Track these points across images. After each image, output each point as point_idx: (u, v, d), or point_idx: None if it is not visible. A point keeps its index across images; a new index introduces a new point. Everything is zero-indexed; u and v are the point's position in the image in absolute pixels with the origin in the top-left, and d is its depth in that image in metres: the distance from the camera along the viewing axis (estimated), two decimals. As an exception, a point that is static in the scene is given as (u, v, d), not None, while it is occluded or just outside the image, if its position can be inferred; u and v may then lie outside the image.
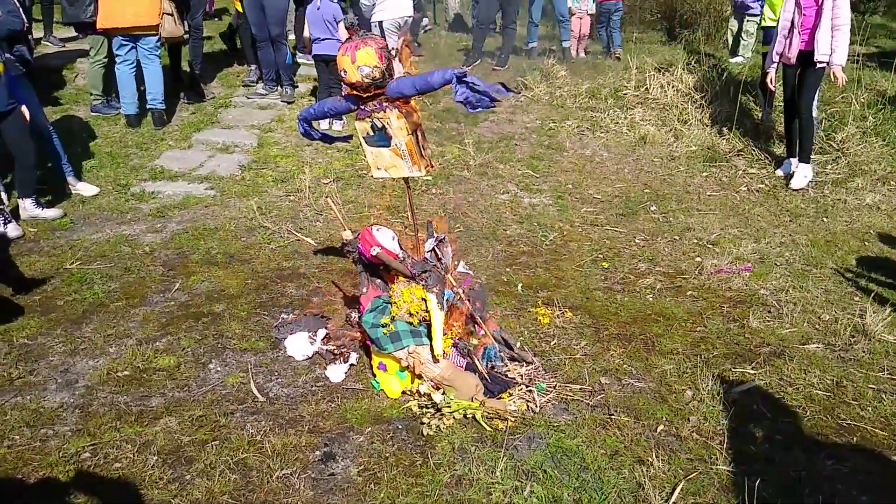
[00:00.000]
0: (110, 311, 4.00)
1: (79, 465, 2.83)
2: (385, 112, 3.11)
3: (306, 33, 7.12)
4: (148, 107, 6.86)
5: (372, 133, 3.20)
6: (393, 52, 3.17)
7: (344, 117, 6.70)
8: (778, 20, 6.06)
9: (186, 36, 7.65)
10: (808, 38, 5.72)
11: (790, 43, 5.83)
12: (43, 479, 2.75)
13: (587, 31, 10.43)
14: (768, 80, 6.23)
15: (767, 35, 6.90)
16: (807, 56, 5.75)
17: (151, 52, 6.61)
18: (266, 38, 7.29)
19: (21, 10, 5.46)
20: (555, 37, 10.64)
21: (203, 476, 2.79)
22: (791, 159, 6.38)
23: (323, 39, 6.88)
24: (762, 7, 9.02)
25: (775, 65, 6.07)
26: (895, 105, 7.20)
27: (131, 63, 6.60)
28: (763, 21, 7.17)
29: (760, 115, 7.45)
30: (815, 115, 6.31)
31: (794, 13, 5.77)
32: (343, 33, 6.72)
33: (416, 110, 3.23)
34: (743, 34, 9.30)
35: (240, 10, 7.70)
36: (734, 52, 9.46)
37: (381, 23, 7.40)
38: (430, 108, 7.62)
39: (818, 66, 5.71)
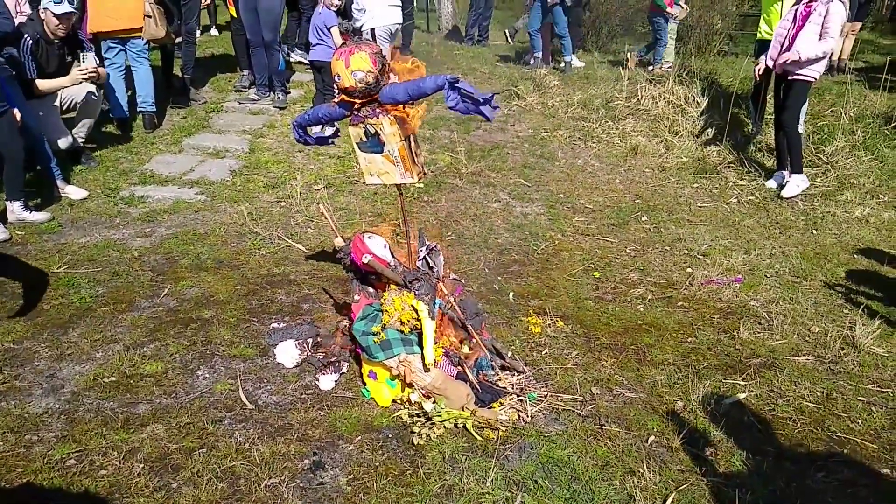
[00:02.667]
0: (97, 315, 3.96)
1: (63, 472, 2.79)
2: (378, 118, 3.10)
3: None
4: (138, 109, 6.83)
5: (365, 139, 3.20)
6: (386, 59, 3.17)
7: (337, 123, 6.69)
8: (773, 33, 6.21)
9: (178, 40, 7.63)
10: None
11: (780, 53, 5.94)
12: (27, 486, 2.71)
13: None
14: (756, 70, 6.32)
15: (762, 47, 6.98)
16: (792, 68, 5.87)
17: (140, 55, 6.60)
18: (260, 42, 7.28)
19: (11, 12, 5.44)
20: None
21: (190, 484, 2.75)
22: (780, 171, 6.43)
23: (316, 45, 6.90)
24: (665, 23, 9.88)
25: (767, 59, 6.13)
26: (883, 119, 7.27)
27: (120, 66, 6.57)
28: (759, 34, 7.25)
29: (751, 127, 7.51)
30: (801, 129, 6.38)
31: (790, 25, 5.88)
32: (337, 39, 6.74)
33: (409, 117, 3.22)
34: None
35: (234, 14, 7.69)
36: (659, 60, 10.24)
37: (372, 30, 7.41)
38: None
39: (796, 77, 5.82)
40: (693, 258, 5.06)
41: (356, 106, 3.14)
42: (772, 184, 6.40)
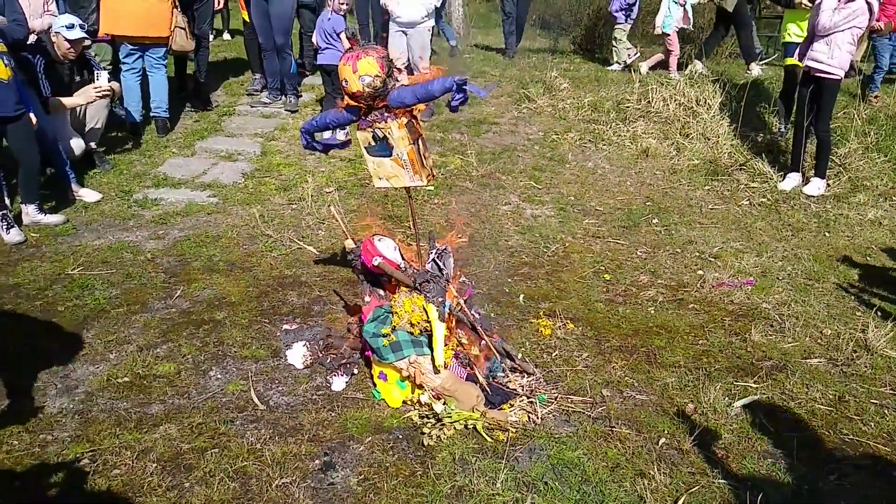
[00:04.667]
0: (111, 317, 4.00)
1: (77, 471, 2.81)
2: (386, 122, 3.11)
3: (314, 39, 7.20)
4: (152, 115, 6.89)
5: (373, 143, 3.21)
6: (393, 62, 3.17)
7: (347, 127, 6.72)
8: (803, 35, 6.40)
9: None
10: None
11: (808, 50, 5.98)
12: (41, 486, 2.74)
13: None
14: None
15: (789, 50, 7.00)
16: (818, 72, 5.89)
17: (158, 62, 6.67)
18: (272, 46, 7.33)
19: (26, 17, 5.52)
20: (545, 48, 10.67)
21: (202, 484, 2.77)
22: (794, 173, 6.40)
23: (325, 49, 6.95)
24: (626, 18, 9.81)
25: (796, 55, 6.28)
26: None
27: (137, 71, 6.64)
28: (787, 36, 7.27)
29: (777, 126, 7.46)
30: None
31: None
32: (346, 44, 6.78)
33: (418, 119, 3.23)
34: (614, 41, 10.10)
35: (246, 19, 7.75)
36: (614, 61, 10.19)
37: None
38: (432, 119, 7.65)
39: (824, 76, 5.82)
40: (704, 260, 5.04)
41: (363, 110, 3.15)
42: (785, 185, 6.38)
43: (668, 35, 9.45)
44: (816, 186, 6.24)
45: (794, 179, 6.40)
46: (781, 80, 7.95)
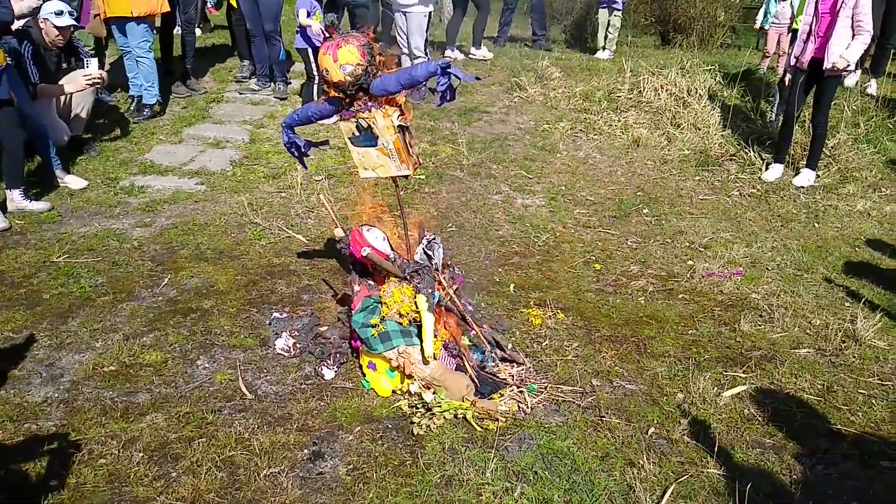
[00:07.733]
0: (97, 305, 3.95)
1: (63, 460, 2.78)
2: (370, 111, 3.06)
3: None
4: (133, 94, 6.88)
5: (357, 133, 3.16)
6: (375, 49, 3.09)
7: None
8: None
9: (177, 30, 7.62)
10: (820, 45, 5.79)
11: (805, 48, 5.90)
12: (26, 475, 2.71)
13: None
14: (786, 80, 6.33)
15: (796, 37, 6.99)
16: (819, 63, 5.82)
17: None
18: (260, 32, 7.25)
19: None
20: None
21: (189, 473, 2.75)
22: (778, 164, 6.41)
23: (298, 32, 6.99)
24: (623, 3, 9.63)
25: (791, 68, 6.14)
26: (887, 112, 7.24)
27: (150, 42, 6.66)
28: (795, 24, 7.24)
29: (771, 114, 7.45)
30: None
31: (812, 18, 5.85)
32: (303, 20, 6.75)
33: (402, 107, 3.18)
34: (610, 28, 9.88)
35: (234, 4, 7.66)
36: (601, 47, 10.00)
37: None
38: (423, 107, 7.60)
39: (831, 74, 5.79)
40: (694, 251, 5.05)
41: (345, 100, 3.10)
42: (769, 176, 6.38)
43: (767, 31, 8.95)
44: (807, 177, 6.26)
45: (777, 170, 6.40)
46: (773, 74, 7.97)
